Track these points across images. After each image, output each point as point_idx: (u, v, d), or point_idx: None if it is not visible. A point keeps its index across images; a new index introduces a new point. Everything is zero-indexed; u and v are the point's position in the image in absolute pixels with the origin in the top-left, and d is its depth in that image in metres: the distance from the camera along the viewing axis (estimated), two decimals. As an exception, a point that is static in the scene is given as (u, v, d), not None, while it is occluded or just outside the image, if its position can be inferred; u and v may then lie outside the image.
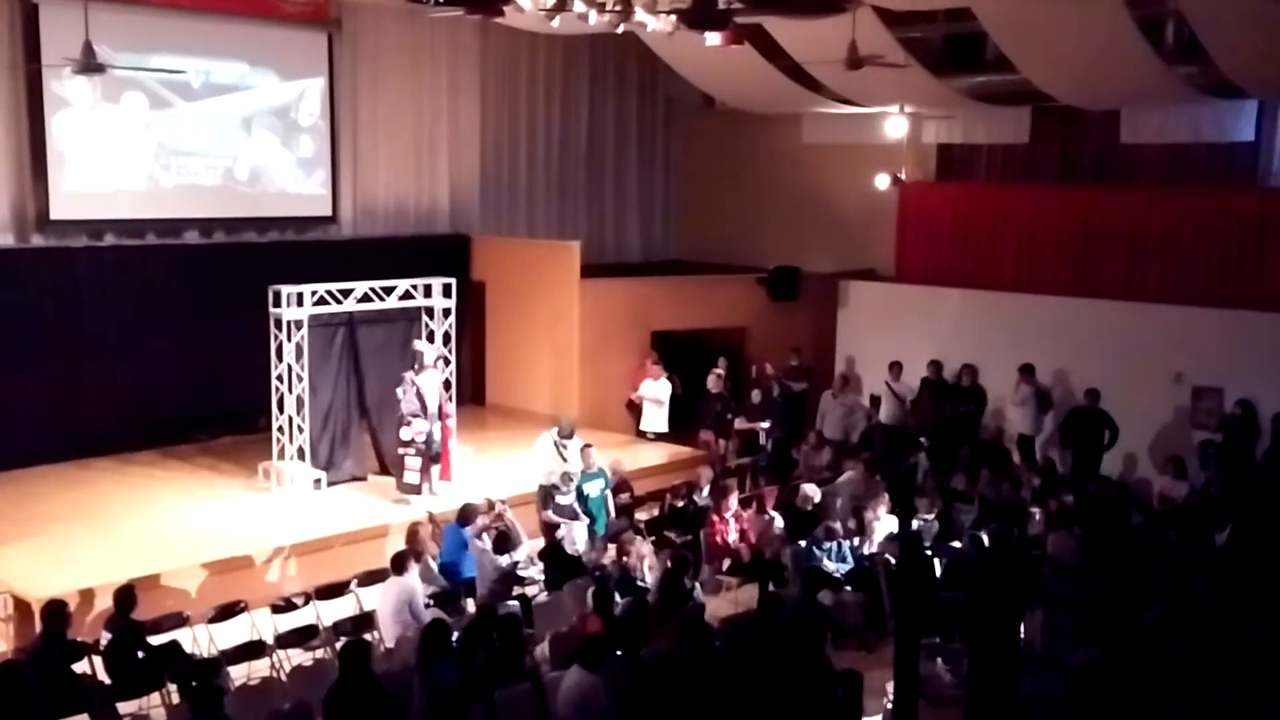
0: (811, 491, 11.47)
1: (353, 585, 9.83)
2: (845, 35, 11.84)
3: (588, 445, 11.82)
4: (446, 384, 12.80)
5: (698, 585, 9.99)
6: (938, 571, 9.86)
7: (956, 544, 10.38)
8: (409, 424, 11.99)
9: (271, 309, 12.23)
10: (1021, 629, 7.62)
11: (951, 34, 14.82)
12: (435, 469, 12.31)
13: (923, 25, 14.57)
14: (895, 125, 16.20)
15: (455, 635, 8.15)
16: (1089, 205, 14.90)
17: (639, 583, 9.63)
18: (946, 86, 14.72)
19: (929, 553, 9.86)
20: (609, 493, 11.56)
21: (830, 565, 10.21)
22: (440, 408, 12.42)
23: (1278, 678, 7.03)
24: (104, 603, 9.09)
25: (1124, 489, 12.67)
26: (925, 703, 7.67)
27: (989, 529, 10.23)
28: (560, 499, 11.12)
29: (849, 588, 10.05)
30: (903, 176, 16.41)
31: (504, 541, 9.82)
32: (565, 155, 18.38)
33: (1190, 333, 13.40)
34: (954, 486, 11.98)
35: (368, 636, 8.87)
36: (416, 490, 12.03)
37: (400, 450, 12.12)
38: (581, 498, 11.22)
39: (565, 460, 11.67)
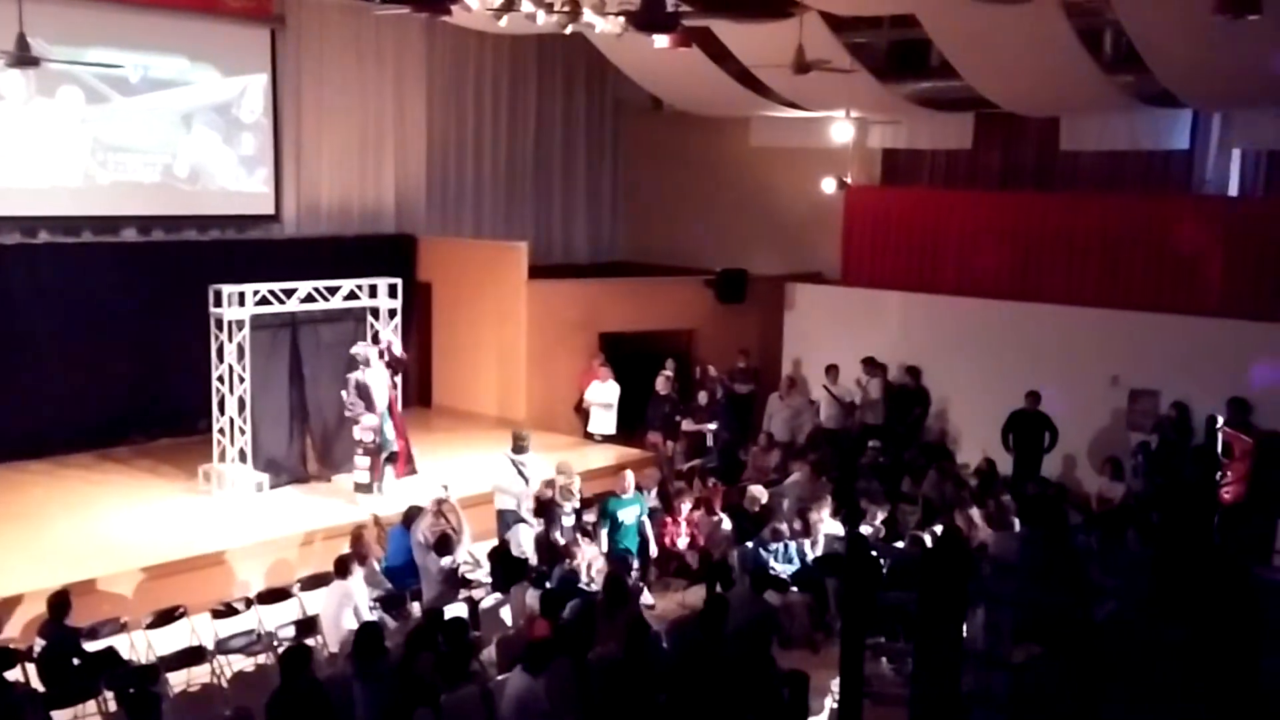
0: (759, 493, 11.53)
1: (296, 589, 9.71)
2: (792, 40, 11.91)
3: (625, 468, 11.44)
4: (395, 366, 12.60)
5: (645, 588, 10.00)
6: (883, 572, 9.93)
7: (901, 544, 10.47)
8: (358, 422, 11.87)
9: (212, 309, 12.04)
10: (964, 628, 7.70)
11: (896, 40, 15.00)
12: (389, 469, 12.19)
13: (868, 31, 14.74)
14: (841, 130, 16.28)
15: (400, 639, 8.11)
16: (1029, 211, 15.12)
17: (586, 585, 9.61)
18: (891, 92, 14.89)
19: (874, 553, 9.93)
20: (646, 519, 10.85)
21: (777, 567, 10.26)
22: (391, 405, 12.30)
23: (1199, 677, 7.14)
24: (37, 608, 8.88)
25: (1063, 489, 12.85)
26: (870, 702, 7.72)
27: (932, 529, 10.34)
28: (564, 519, 10.75)
29: (795, 589, 10.10)
30: (849, 180, 16.49)
31: (445, 543, 9.75)
32: (513, 156, 18.31)
33: (1127, 336, 13.65)
34: (900, 488, 12.10)
35: (312, 641, 8.77)
36: (367, 490, 11.91)
37: (352, 446, 12.02)
38: (614, 525, 10.68)
39: (527, 481, 11.14)
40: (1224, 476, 10.69)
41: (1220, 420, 12.36)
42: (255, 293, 12.15)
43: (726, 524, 11.25)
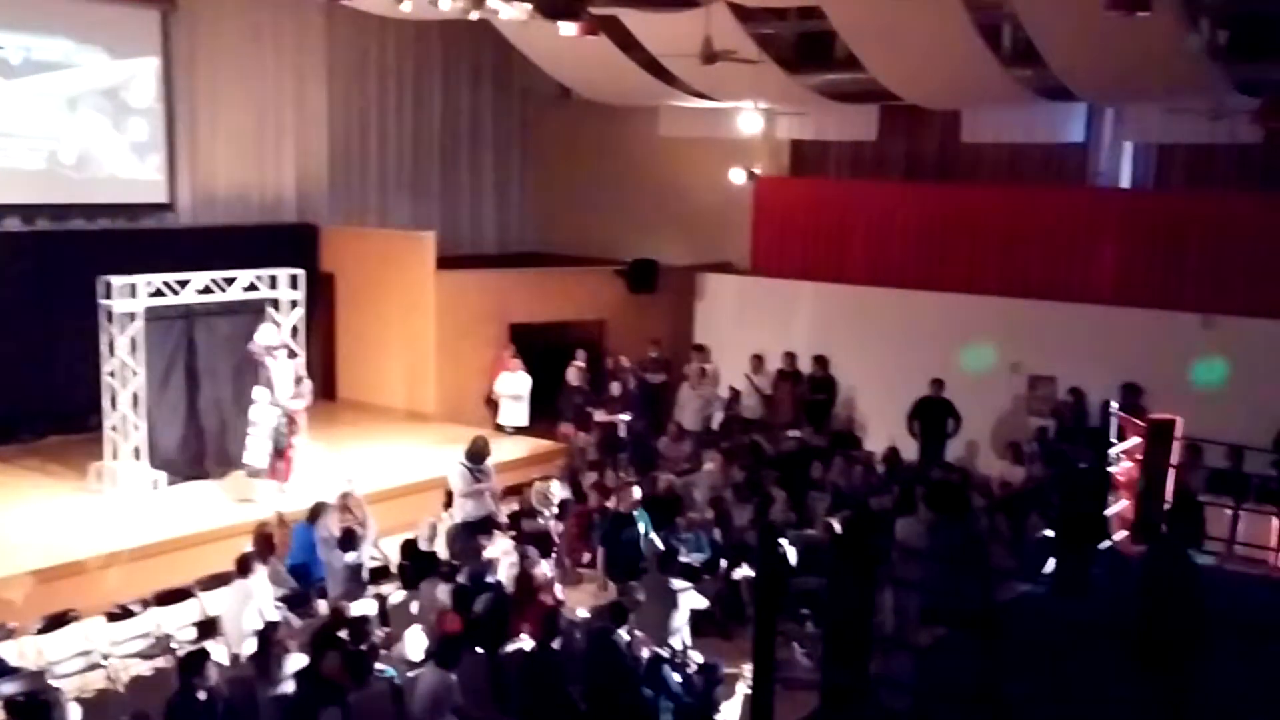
0: (671, 483, 11.52)
1: (195, 590, 9.44)
2: (700, 29, 11.95)
3: (537, 460, 11.28)
4: (298, 380, 12.34)
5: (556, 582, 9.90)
6: (793, 559, 9.98)
7: (811, 531, 10.54)
8: (255, 403, 11.58)
9: (101, 301, 11.64)
10: (872, 612, 7.78)
11: (803, 32, 15.11)
12: (289, 465, 11.92)
13: (775, 22, 14.82)
14: (750, 120, 16.40)
15: (306, 638, 7.94)
16: (932, 202, 15.36)
17: (496, 580, 9.49)
18: (798, 83, 14.98)
19: (784, 540, 9.98)
20: (654, 536, 10.40)
21: (689, 555, 10.25)
22: (288, 406, 12.05)
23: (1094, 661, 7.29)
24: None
25: (966, 474, 13.09)
26: (782, 687, 7.76)
27: (841, 516, 10.42)
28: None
29: (708, 576, 10.10)
30: (757, 171, 16.62)
31: (351, 539, 9.57)
32: (418, 144, 18.02)
33: (1026, 324, 13.96)
34: (809, 474, 12.19)
35: (213, 643, 8.53)
36: (259, 475, 11.64)
37: (248, 430, 11.74)
38: (622, 544, 10.26)
39: (484, 493, 10.85)
40: (1117, 460, 10.97)
41: (1114, 405, 12.72)
42: (148, 284, 11.76)
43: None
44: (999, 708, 7.04)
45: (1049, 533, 10.35)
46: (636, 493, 10.86)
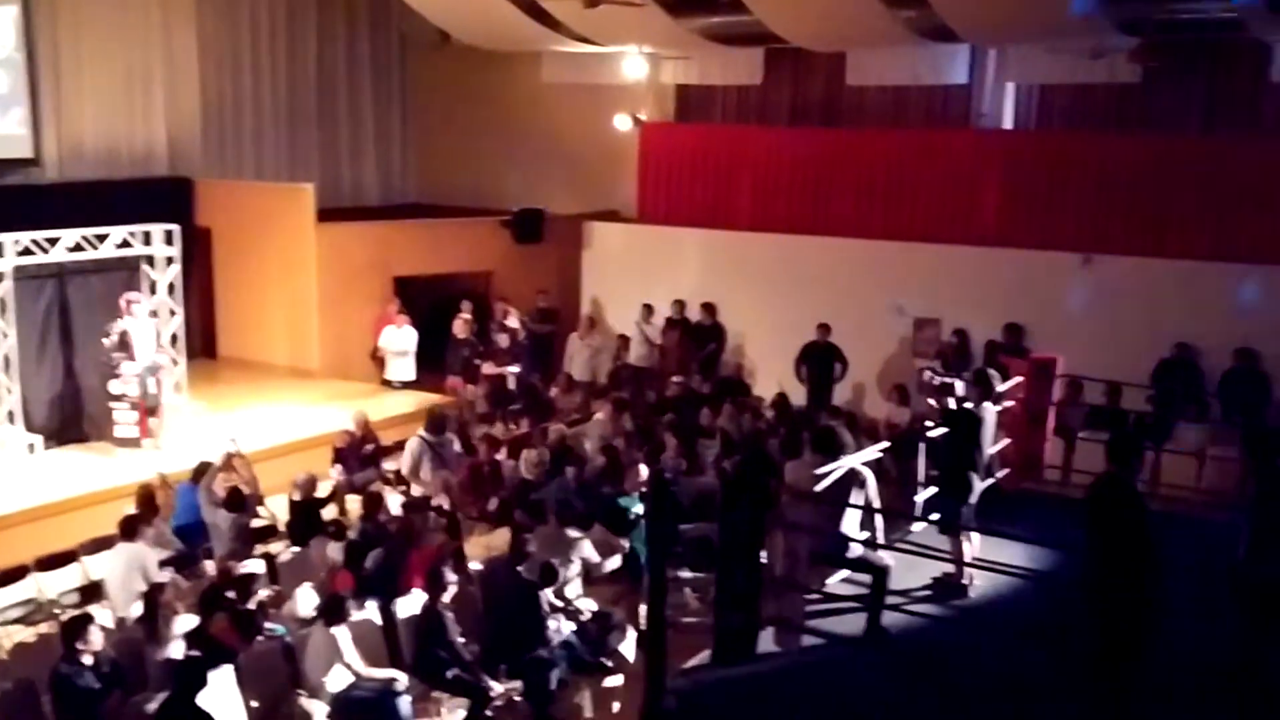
0: (562, 433, 11.52)
1: (79, 554, 9.19)
2: (581, -28, 11.77)
3: (425, 414, 10.88)
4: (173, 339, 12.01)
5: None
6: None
7: (702, 478, 10.66)
8: (119, 375, 11.24)
9: (-35, 261, 11.16)
10: (763, 555, 7.90)
11: (686, -26, 14.98)
12: (155, 422, 11.64)
13: (658, -36, 14.66)
14: (634, 65, 16.28)
15: (193, 599, 7.80)
16: (818, 146, 15.46)
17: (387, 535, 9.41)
18: (682, 26, 14.88)
19: (676, 488, 10.07)
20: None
21: (582, 505, 10.29)
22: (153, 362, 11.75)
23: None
24: None
25: (853, 417, 13.32)
26: (675, 632, 7.85)
27: (732, 461, 10.55)
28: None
29: (600, 525, 10.16)
30: (643, 117, 16.53)
31: (236, 498, 9.39)
32: (294, 93, 17.53)
33: (912, 267, 14.19)
34: (698, 421, 12.29)
35: (98, 607, 8.33)
36: (135, 444, 11.33)
37: (111, 404, 11.43)
38: (628, 521, 10.12)
39: (446, 464, 10.62)
40: (1000, 398, 11.26)
41: (997, 345, 13.08)
42: (16, 243, 11.37)
43: (531, 465, 11.18)
44: (886, 645, 7.24)
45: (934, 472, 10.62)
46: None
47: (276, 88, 17.29)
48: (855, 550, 7.90)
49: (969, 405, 8.58)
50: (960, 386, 9.20)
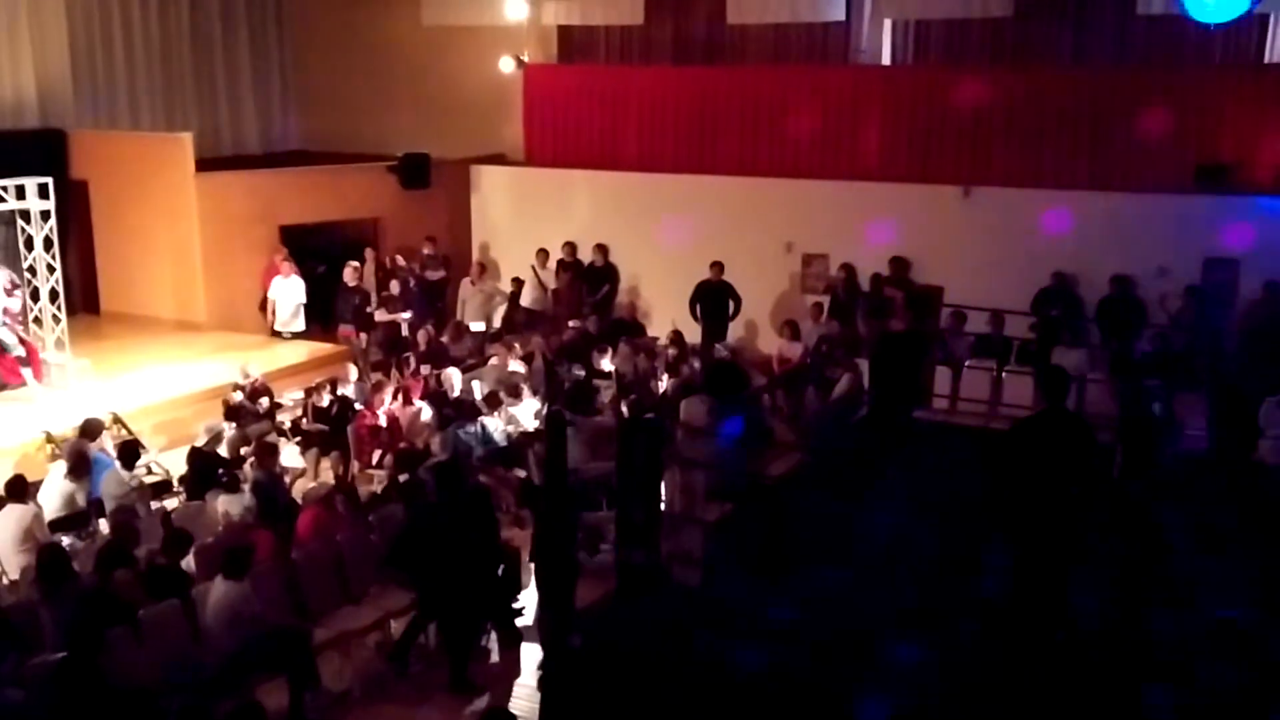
0: (455, 378, 11.54)
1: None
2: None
3: (317, 363, 11.17)
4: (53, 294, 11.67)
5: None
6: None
7: (599, 417, 10.79)
8: None
9: None
10: (661, 490, 8.09)
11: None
12: (28, 371, 11.40)
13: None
14: (515, 7, 16.10)
15: (89, 559, 7.69)
16: (702, 85, 15.53)
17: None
18: (562, -34, 14.75)
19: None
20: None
21: (479, 448, 10.36)
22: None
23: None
24: None
25: (741, 353, 13.55)
26: (579, 569, 8.00)
27: (628, 401, 10.70)
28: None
29: (501, 468, 10.25)
30: (526, 59, 16.39)
31: (130, 452, 9.25)
32: (167, 40, 16.96)
33: (798, 204, 14.42)
34: (592, 363, 12.41)
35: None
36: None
37: None
38: None
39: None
40: (888, 327, 11.60)
41: (883, 278, 13.41)
42: (-122, 200, 10.87)
43: (427, 412, 11.20)
44: (783, 573, 7.50)
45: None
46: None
47: (149, 34, 16.71)
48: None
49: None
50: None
